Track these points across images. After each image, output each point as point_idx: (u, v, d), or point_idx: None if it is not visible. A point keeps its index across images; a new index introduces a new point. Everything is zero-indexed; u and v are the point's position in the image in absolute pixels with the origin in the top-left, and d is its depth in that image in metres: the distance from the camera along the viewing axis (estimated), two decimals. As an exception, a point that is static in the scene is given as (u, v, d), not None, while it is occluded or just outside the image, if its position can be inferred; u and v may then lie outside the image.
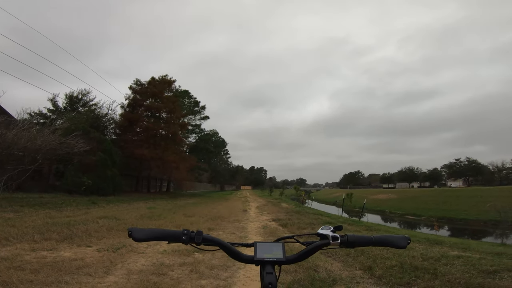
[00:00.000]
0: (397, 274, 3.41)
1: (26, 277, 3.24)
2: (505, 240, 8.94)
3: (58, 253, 4.45)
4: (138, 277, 3.51)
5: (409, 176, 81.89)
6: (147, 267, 3.94)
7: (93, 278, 3.42)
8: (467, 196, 27.13)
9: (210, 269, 3.88)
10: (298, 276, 3.49)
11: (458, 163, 69.60)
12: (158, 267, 3.92)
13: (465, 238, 12.02)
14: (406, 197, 34.92)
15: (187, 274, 3.69)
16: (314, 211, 15.03)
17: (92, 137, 16.89)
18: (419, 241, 5.96)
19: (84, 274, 3.53)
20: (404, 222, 22.28)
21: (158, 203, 16.16)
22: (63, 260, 4.05)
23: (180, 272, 3.77)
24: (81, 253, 4.50)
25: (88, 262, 4.03)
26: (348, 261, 4.20)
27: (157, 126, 26.22)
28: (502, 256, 4.37)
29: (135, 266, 4.00)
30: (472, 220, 19.51)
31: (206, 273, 3.72)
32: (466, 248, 5.25)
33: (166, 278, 3.52)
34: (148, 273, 3.66)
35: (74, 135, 14.94)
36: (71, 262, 3.97)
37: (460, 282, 2.90)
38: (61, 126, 16.65)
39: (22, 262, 3.81)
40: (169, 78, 28.72)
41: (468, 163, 67.12)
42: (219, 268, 3.90)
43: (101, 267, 3.80)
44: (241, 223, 9.04)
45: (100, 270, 3.67)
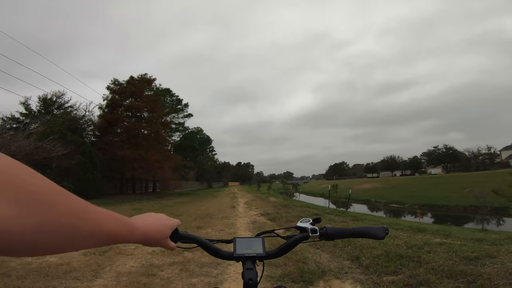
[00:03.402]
0: (383, 263, 3.51)
1: (13, 283, 3.18)
2: (485, 225, 9.33)
3: (43, 259, 4.34)
4: (128, 279, 3.47)
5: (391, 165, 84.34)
6: (137, 269, 3.90)
7: (82, 282, 3.37)
8: (446, 183, 28.25)
9: (200, 267, 3.89)
10: (288, 269, 3.55)
11: (436, 151, 72.17)
12: (148, 268, 3.88)
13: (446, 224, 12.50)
14: (389, 185, 36.03)
15: (177, 274, 3.68)
16: (302, 203, 15.24)
17: (69, 140, 16.40)
18: (403, 229, 6.16)
19: (72, 278, 3.47)
20: (389, 211, 22.99)
21: (145, 204, 15.92)
22: (49, 265, 3.97)
23: (170, 272, 3.76)
24: (67, 258, 4.40)
25: (75, 266, 3.95)
26: (336, 252, 4.29)
27: (138, 126, 25.70)
28: (482, 242, 4.51)
29: (124, 268, 3.95)
30: (453, 206, 20.32)
31: (197, 271, 3.72)
32: (448, 235, 5.44)
33: (156, 279, 3.50)
34: (138, 275, 3.62)
35: (50, 139, 14.44)
36: (57, 267, 3.89)
37: (444, 270, 2.97)
38: (36, 130, 16.03)
39: (8, 269, 3.71)
40: (149, 77, 28.18)
41: (446, 150, 69.73)
42: (209, 266, 3.90)
43: (89, 271, 3.74)
44: (230, 219, 9.06)
45: (88, 274, 3.61)
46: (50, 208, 0.32)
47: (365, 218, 9.29)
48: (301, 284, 3.15)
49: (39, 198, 0.31)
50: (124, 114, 26.27)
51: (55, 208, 0.33)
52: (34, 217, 0.31)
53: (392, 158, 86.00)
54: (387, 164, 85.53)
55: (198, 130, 50.63)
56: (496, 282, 2.52)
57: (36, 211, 0.31)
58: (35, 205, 0.31)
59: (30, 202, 0.30)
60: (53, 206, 0.33)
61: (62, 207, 0.34)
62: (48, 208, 0.32)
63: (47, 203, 0.32)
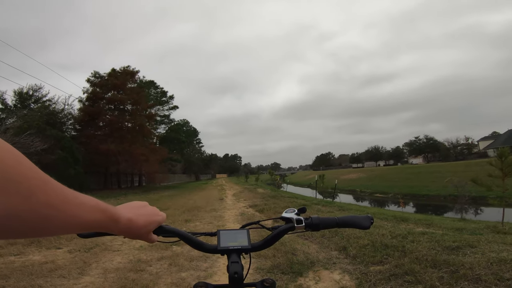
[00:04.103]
0: (369, 253, 3.59)
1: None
2: (464, 215, 9.72)
3: (27, 257, 4.21)
4: (116, 275, 3.42)
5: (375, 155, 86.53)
6: (124, 265, 3.84)
7: (68, 280, 3.29)
8: (427, 172, 29.26)
9: (189, 261, 3.87)
10: (277, 261, 3.59)
11: (417, 141, 74.55)
12: (136, 264, 3.83)
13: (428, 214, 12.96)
14: (374, 175, 36.98)
15: (166, 268, 3.65)
16: (289, 194, 15.42)
17: (49, 135, 15.84)
18: (387, 218, 6.33)
19: (58, 276, 3.38)
20: (373, 200, 23.64)
21: (130, 198, 15.65)
22: (33, 264, 3.86)
23: (159, 267, 3.72)
24: (51, 256, 4.28)
25: (60, 264, 3.85)
26: (324, 243, 4.37)
27: (121, 119, 25.16)
28: (462, 231, 4.67)
29: (111, 264, 3.88)
30: (433, 196, 21.06)
31: (186, 265, 3.71)
32: (430, 224, 5.62)
33: (145, 274, 3.46)
34: (126, 271, 3.57)
35: (28, 134, 13.91)
36: (41, 265, 3.78)
37: (428, 259, 3.05)
38: (13, 125, 15.34)
39: (-11, 269, 3.58)
40: (132, 69, 27.56)
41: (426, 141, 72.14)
42: (198, 260, 3.89)
43: (75, 268, 3.65)
44: (218, 212, 9.06)
45: (74, 271, 3.53)
46: (27, 199, 0.31)
47: (351, 208, 9.51)
48: (290, 275, 3.19)
49: (18, 187, 0.30)
50: (106, 107, 25.64)
51: (33, 199, 0.31)
52: (9, 206, 0.29)
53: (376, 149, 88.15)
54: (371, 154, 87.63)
55: (184, 122, 49.98)
56: (478, 272, 2.60)
57: (12, 200, 0.29)
58: (14, 194, 0.29)
59: (9, 190, 0.29)
60: (32, 196, 0.31)
61: (41, 197, 0.32)
62: (26, 199, 0.30)
63: (26, 193, 0.31)
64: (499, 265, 2.71)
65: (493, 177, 5.53)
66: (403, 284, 2.69)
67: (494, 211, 7.65)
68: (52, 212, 0.34)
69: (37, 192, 0.32)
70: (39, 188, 0.32)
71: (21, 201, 0.30)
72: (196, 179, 65.36)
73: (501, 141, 49.62)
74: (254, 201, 11.37)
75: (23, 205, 0.30)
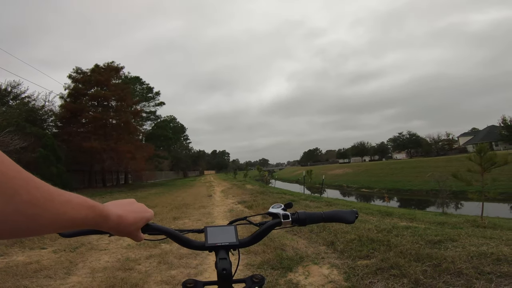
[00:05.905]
0: (356, 247, 3.68)
1: (-22, 286, 2.97)
2: (445, 209, 10.06)
3: (10, 258, 4.09)
4: (104, 274, 3.37)
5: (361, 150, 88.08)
6: (112, 264, 3.79)
7: (54, 280, 3.23)
8: (410, 167, 30.10)
9: (179, 258, 3.86)
10: (267, 257, 3.63)
11: (401, 137, 76.53)
12: (124, 263, 3.79)
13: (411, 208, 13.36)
14: (359, 171, 37.70)
15: (155, 266, 3.63)
16: (278, 190, 15.52)
17: (29, 132, 15.35)
18: (373, 213, 6.50)
19: (44, 276, 3.31)
20: (359, 195, 24.14)
21: (116, 197, 15.35)
22: (17, 264, 3.76)
23: (148, 265, 3.70)
24: (35, 256, 4.18)
25: (45, 264, 3.76)
26: (312, 238, 4.45)
27: (106, 115, 24.56)
28: (444, 225, 4.83)
29: (99, 263, 3.83)
30: (416, 190, 21.72)
31: (176, 263, 3.69)
32: (413, 219, 5.80)
33: (134, 273, 3.43)
34: (114, 270, 3.52)
35: (7, 131, 13.40)
36: (26, 266, 3.69)
37: (412, 253, 3.14)
38: (-10, 122, 14.77)
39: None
40: (117, 65, 26.96)
41: (409, 136, 74.15)
42: (188, 257, 3.88)
43: (61, 268, 3.58)
44: (207, 208, 9.03)
45: (60, 272, 3.46)
46: (11, 199, 0.30)
47: (338, 203, 9.70)
48: (280, 271, 3.24)
49: (0, 187, 0.29)
50: (89, 103, 25.00)
51: (16, 198, 0.31)
52: None
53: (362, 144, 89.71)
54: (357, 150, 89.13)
55: (171, 118, 49.27)
56: (460, 266, 2.69)
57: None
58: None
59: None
60: (15, 196, 0.30)
61: (24, 196, 0.31)
62: (9, 199, 0.30)
63: (9, 193, 0.30)
64: (479, 258, 2.80)
65: (472, 172, 5.73)
66: (389, 277, 2.76)
67: (474, 205, 7.97)
68: (37, 210, 0.33)
69: (20, 191, 0.31)
70: (22, 187, 0.31)
71: (4, 201, 0.29)
72: (184, 176, 64.77)
73: (480, 137, 51.55)
74: (242, 198, 11.40)
75: (6, 205, 0.30)
